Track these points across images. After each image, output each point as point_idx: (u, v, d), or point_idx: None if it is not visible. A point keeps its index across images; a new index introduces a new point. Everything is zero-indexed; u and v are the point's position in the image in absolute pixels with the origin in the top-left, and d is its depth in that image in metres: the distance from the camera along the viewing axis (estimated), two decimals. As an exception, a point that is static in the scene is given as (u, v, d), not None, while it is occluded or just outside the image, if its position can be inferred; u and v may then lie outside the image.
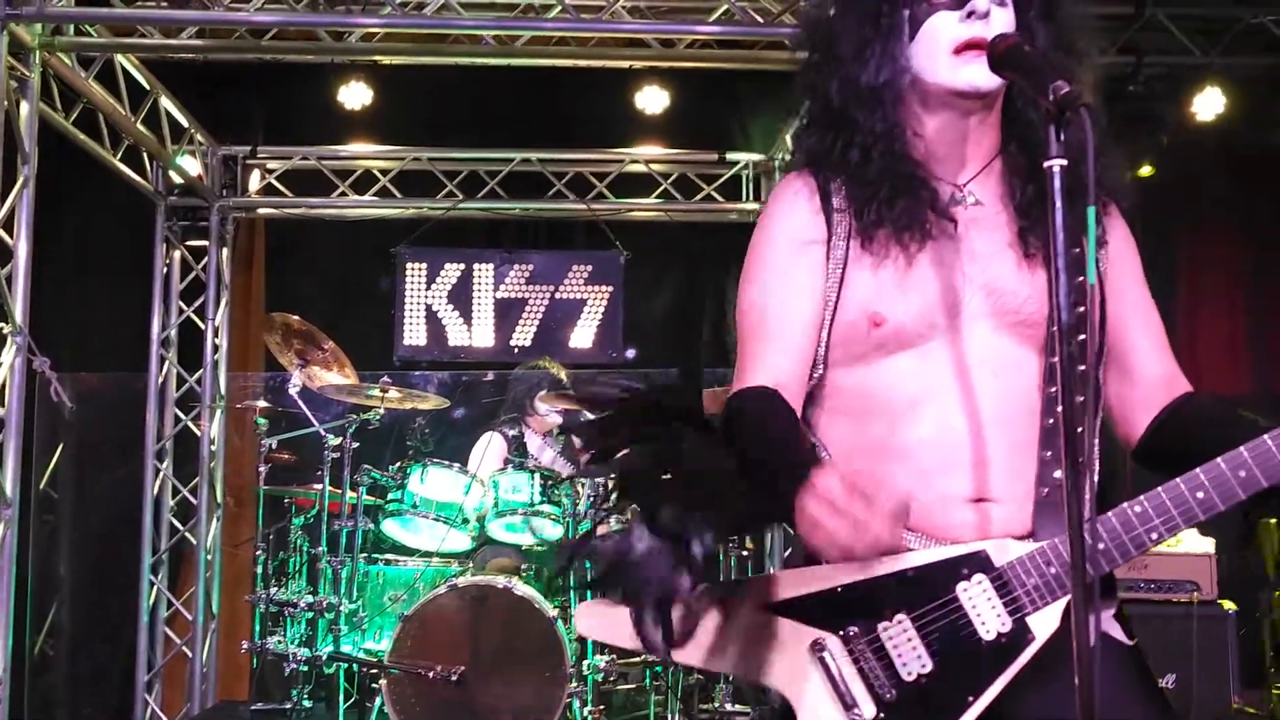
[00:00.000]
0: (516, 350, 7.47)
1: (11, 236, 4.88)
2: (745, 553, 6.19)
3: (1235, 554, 5.81)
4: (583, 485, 5.54)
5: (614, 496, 1.83)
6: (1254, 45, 6.23)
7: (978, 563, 1.77)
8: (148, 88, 6.39)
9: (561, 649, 5.11)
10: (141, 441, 6.85)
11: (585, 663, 5.25)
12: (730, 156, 7.62)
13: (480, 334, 7.55)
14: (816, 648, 1.78)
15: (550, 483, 5.67)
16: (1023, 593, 1.74)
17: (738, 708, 6.17)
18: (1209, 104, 6.49)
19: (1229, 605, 5.52)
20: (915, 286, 1.85)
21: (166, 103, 6.62)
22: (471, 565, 5.67)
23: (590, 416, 1.89)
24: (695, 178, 7.67)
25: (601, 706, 5.30)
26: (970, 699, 1.71)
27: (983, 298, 1.85)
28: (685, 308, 7.97)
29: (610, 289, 7.59)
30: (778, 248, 1.98)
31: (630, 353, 7.57)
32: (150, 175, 6.93)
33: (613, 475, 1.84)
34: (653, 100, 7.30)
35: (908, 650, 1.75)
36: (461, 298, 7.56)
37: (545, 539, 5.82)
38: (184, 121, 6.87)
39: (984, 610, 1.75)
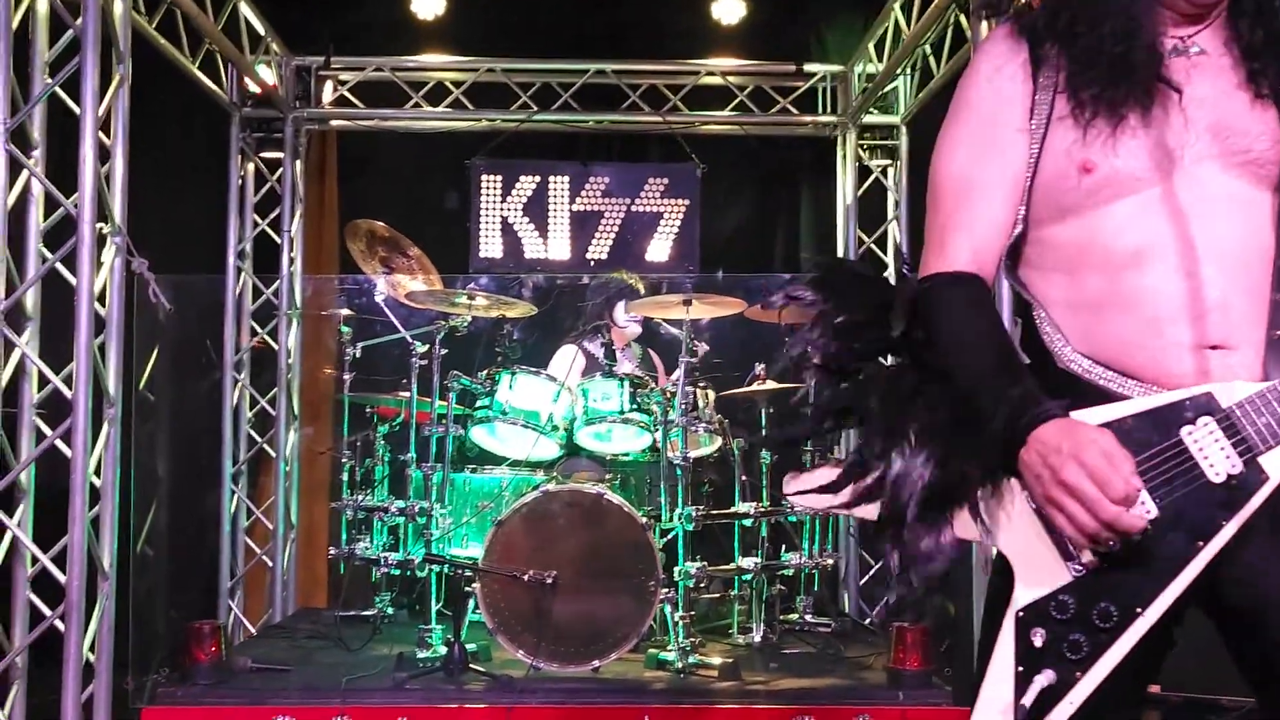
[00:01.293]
0: (593, 263, 7.48)
1: (109, 137, 4.89)
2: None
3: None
4: (672, 395, 5.57)
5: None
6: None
7: (1202, 405, 1.75)
8: (227, -7, 6.39)
9: (653, 556, 5.16)
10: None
11: (676, 569, 5.30)
12: (808, 68, 7.55)
13: (556, 246, 7.56)
14: (1032, 500, 1.76)
15: (639, 390, 5.69)
16: (1253, 432, 1.72)
17: (820, 620, 6.24)
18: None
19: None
20: (1129, 132, 1.83)
21: (245, 9, 6.61)
22: (556, 474, 5.72)
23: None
24: (771, 90, 7.60)
25: (691, 613, 5.36)
26: (1200, 544, 1.71)
27: (1209, 139, 1.83)
28: (760, 222, 7.97)
29: (687, 202, 7.57)
30: (980, 111, 1.96)
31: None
32: (225, 85, 6.94)
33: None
34: (729, 10, 7.26)
35: (1132, 498, 1.75)
36: (537, 210, 7.56)
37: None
38: (260, 29, 6.86)
39: (1212, 453, 1.73)
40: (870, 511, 1.88)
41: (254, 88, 6.97)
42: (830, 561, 6.34)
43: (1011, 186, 1.92)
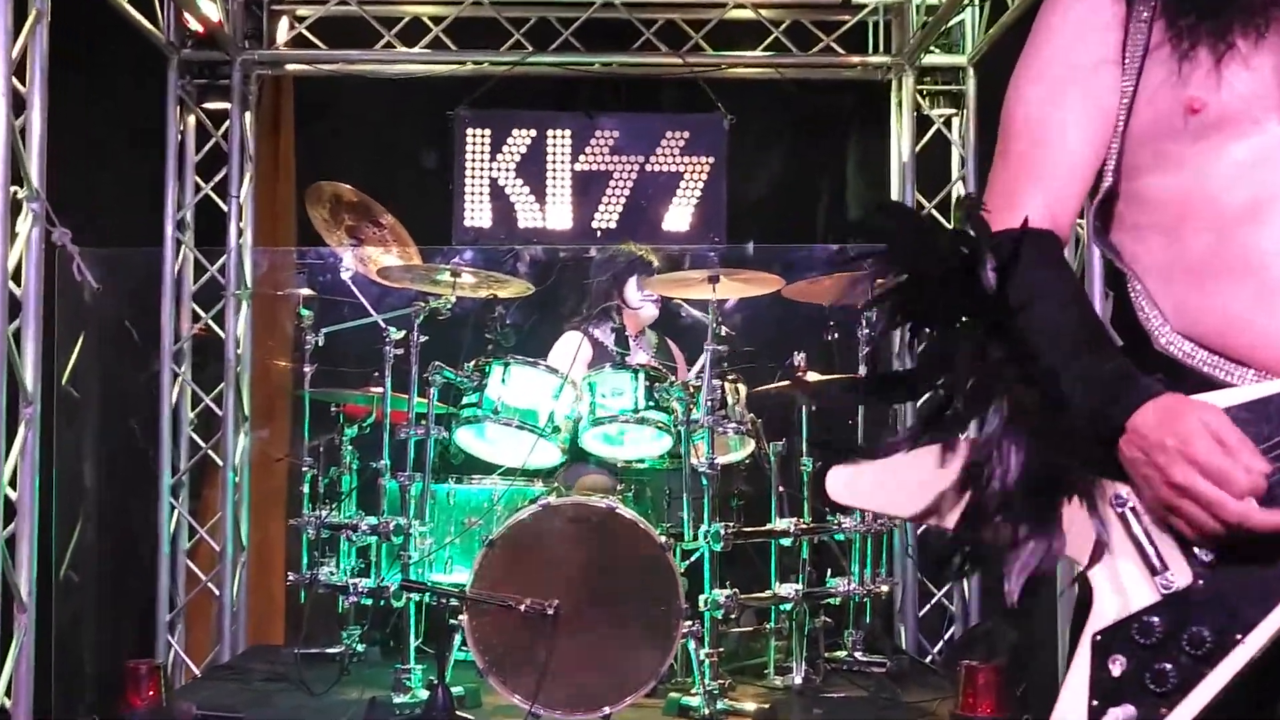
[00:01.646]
0: (599, 233, 7.49)
1: (24, 84, 4.89)
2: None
3: None
4: (696, 390, 5.54)
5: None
6: None
7: None
8: (162, -88, 6.38)
9: (674, 581, 5.14)
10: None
11: (702, 597, 5.29)
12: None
13: (556, 214, 7.56)
14: (1117, 502, 1.77)
15: (657, 383, 5.67)
16: None
17: (873, 657, 6.22)
18: None
19: None
20: (1239, 60, 1.82)
21: (183, -68, 6.62)
22: (558, 485, 5.71)
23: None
24: (812, 25, 7.59)
25: (719, 650, 5.34)
26: None
27: None
28: (799, 183, 7.95)
29: (711, 160, 7.57)
30: (1061, 41, 1.99)
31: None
32: (162, 22, 6.92)
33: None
34: (762, -70, 7.25)
35: (1233, 501, 1.74)
36: (533, 171, 7.57)
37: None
38: (201, -44, 6.86)
39: None
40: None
41: (195, 25, 6.95)
42: (884, 588, 6.32)
43: (1097, 126, 1.95)
